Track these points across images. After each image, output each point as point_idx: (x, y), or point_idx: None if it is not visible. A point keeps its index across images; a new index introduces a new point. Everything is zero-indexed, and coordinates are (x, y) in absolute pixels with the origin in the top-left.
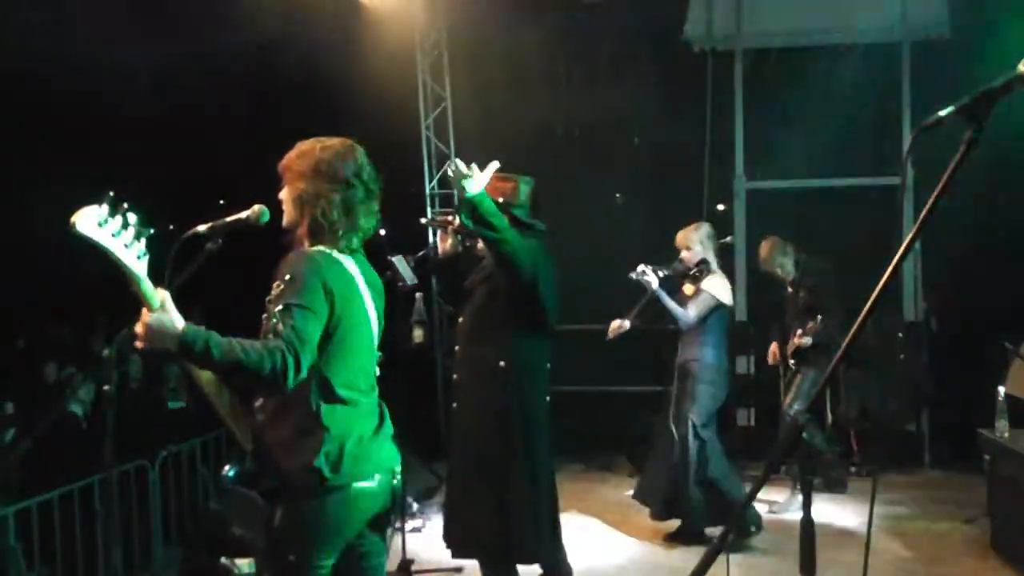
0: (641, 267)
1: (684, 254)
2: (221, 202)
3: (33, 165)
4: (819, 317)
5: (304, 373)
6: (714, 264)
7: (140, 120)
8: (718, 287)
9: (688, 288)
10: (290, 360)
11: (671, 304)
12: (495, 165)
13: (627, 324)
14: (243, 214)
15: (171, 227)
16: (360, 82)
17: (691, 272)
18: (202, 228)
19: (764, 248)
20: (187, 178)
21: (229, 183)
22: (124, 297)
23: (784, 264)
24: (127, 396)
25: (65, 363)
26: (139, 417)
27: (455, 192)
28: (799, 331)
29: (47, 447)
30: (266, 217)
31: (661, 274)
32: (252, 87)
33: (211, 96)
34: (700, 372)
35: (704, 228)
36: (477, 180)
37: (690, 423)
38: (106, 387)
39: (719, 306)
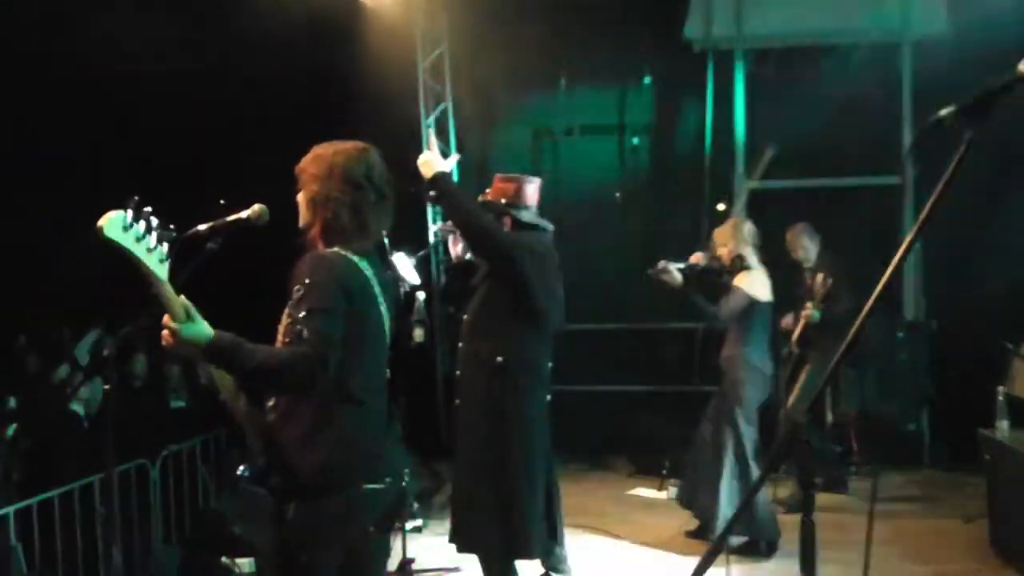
0: (662, 263)
1: (721, 251)
2: (222, 202)
3: (33, 164)
4: (829, 280)
5: (331, 374)
6: (753, 260)
7: (140, 119)
8: (752, 283)
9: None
10: (317, 365)
11: (700, 301)
12: (455, 157)
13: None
14: (243, 214)
15: (171, 226)
16: (360, 81)
17: (727, 269)
18: (203, 227)
19: (794, 229)
20: (187, 177)
21: (229, 183)
22: (124, 297)
23: (809, 248)
24: (129, 395)
25: (72, 363)
26: (140, 416)
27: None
28: (807, 304)
29: (48, 446)
30: (266, 217)
31: (683, 266)
32: (252, 87)
33: (211, 95)
34: (738, 371)
35: (740, 225)
36: (432, 162)
37: (730, 425)
38: (106, 386)
39: (754, 302)
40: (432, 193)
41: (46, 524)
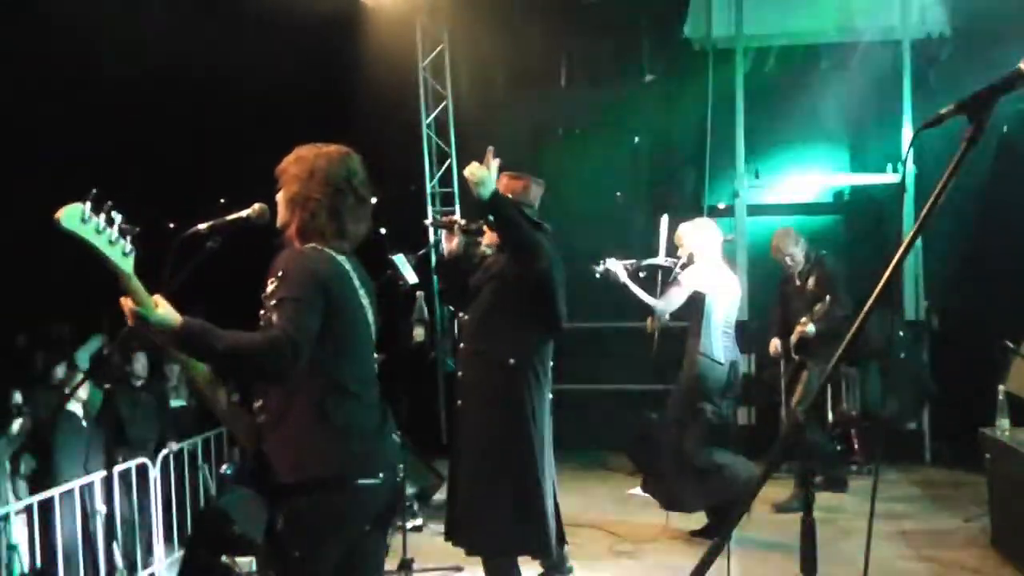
0: (610, 260)
1: (680, 249)
2: (222, 201)
3: (33, 162)
4: (827, 298)
5: (303, 362)
6: (705, 255)
7: (140, 118)
8: (694, 276)
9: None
10: (287, 349)
11: (641, 295)
12: (496, 162)
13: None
14: (243, 213)
15: (172, 225)
16: (361, 80)
17: (679, 265)
18: (203, 226)
19: (776, 237)
20: (188, 176)
21: (230, 182)
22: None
23: (795, 254)
24: (130, 394)
25: (70, 362)
26: (141, 415)
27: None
28: (803, 319)
29: (48, 446)
30: (267, 216)
31: (630, 266)
32: (253, 85)
33: (212, 94)
34: (695, 363)
35: (695, 222)
36: (489, 180)
37: (693, 416)
38: (107, 386)
39: (698, 295)
40: (492, 217)
41: (47, 522)
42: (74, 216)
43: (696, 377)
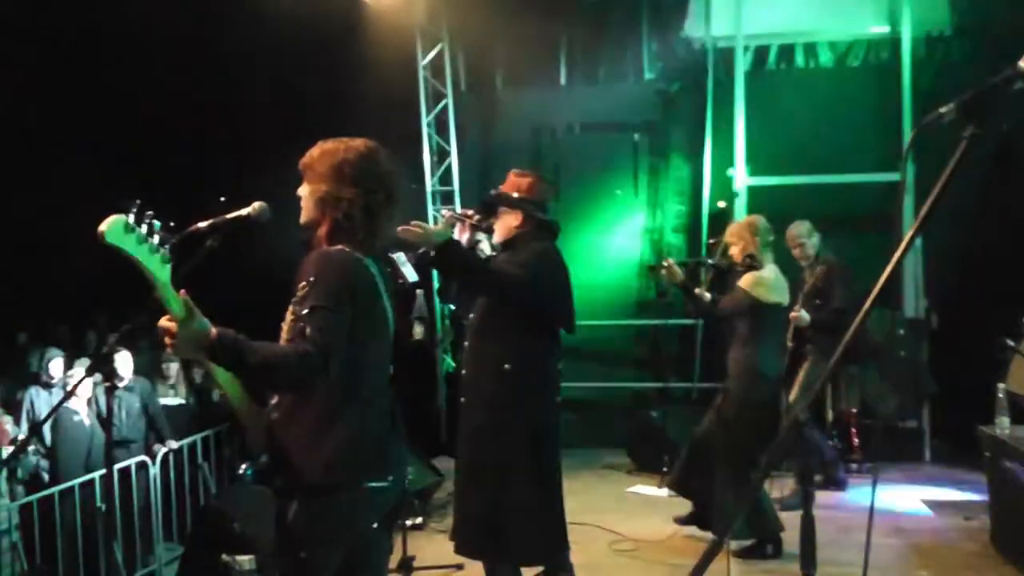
0: (668, 261)
1: (732, 249)
2: (222, 199)
3: (33, 161)
4: (816, 267)
5: (332, 374)
6: (764, 260)
7: (140, 116)
8: (755, 285)
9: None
10: (319, 363)
11: (699, 298)
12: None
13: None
14: (244, 211)
15: (172, 224)
16: (361, 79)
17: (737, 267)
18: (203, 225)
19: (794, 226)
20: (188, 174)
21: (230, 180)
22: (124, 295)
23: (805, 245)
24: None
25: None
26: (124, 415)
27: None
28: (796, 307)
29: (51, 443)
30: (267, 214)
31: (689, 264)
32: (254, 84)
33: (213, 92)
34: (743, 374)
35: (751, 221)
36: (435, 232)
37: (726, 428)
38: (106, 384)
39: (757, 304)
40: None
41: (47, 520)
42: (118, 229)
43: (742, 398)
